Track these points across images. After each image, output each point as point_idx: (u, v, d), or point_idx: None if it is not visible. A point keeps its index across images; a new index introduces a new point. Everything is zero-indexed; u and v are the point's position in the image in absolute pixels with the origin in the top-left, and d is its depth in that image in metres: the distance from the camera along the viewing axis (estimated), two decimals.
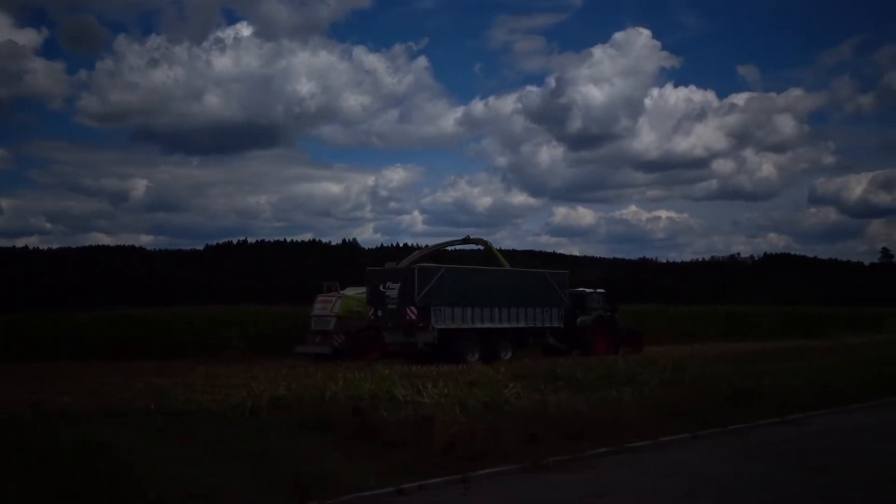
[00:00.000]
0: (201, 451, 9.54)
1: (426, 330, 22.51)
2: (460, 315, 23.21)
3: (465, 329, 23.30)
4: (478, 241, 31.71)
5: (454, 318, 23.04)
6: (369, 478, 8.55)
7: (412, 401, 12.54)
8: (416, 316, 22.47)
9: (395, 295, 22.96)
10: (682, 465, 10.04)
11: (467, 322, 23.36)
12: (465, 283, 23.91)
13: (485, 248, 31.46)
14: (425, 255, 30.06)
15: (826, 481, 9.21)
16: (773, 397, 14.67)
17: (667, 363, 19.18)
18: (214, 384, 15.90)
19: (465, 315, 23.31)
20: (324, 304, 25.74)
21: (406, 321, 22.67)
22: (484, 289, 24.20)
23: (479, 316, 23.60)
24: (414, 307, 22.46)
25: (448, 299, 22.92)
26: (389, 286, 23.19)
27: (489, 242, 31.55)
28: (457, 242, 32.21)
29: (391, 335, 23.52)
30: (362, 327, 24.67)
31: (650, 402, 13.33)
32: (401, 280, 23.04)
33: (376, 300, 23.66)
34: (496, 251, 31.28)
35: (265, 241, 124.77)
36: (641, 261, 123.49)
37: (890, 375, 18.59)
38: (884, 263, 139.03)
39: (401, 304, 22.79)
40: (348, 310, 25.25)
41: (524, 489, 8.74)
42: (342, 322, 24.89)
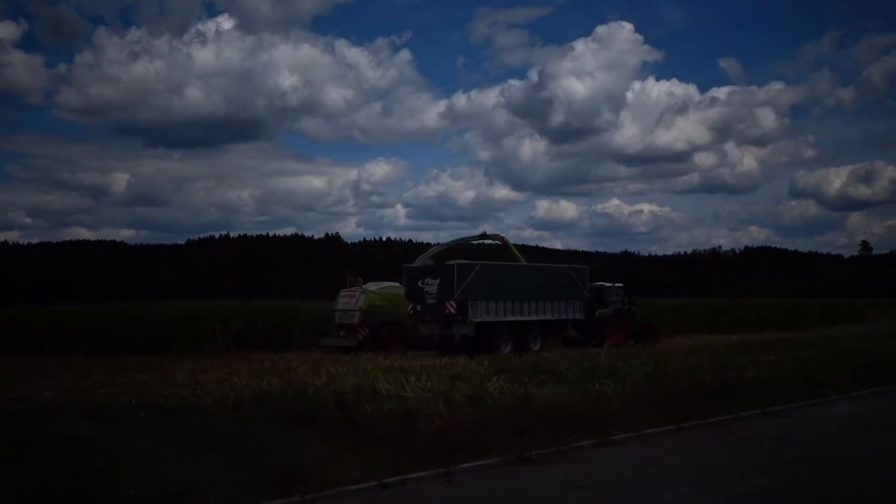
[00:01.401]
0: (184, 447, 9.47)
1: (464, 323, 23.56)
2: (494, 309, 24.30)
3: (498, 322, 24.38)
4: (494, 236, 32.45)
5: (489, 312, 24.12)
6: (352, 472, 8.55)
7: (396, 395, 12.49)
8: (455, 310, 23.53)
9: (435, 290, 24.01)
10: (666, 456, 10.11)
11: (500, 315, 24.44)
12: (499, 278, 25.01)
13: (501, 243, 32.17)
14: (442, 251, 30.55)
15: (807, 471, 9.31)
16: (755, 389, 14.77)
17: (649, 356, 19.25)
18: (197, 379, 15.81)
19: (498, 308, 24.42)
20: (348, 298, 26.37)
21: (445, 315, 23.68)
22: (515, 284, 25.39)
23: (511, 309, 24.72)
24: (453, 301, 23.52)
25: (483, 294, 24.02)
26: (428, 282, 24.24)
27: (506, 238, 32.29)
28: (474, 238, 33.08)
29: (428, 328, 24.48)
30: (385, 321, 25.58)
31: (633, 395, 13.37)
32: (440, 276, 24.09)
33: (415, 295, 24.58)
34: (512, 246, 31.87)
35: (247, 236, 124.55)
36: (624, 254, 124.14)
37: (869, 367, 18.79)
38: (863, 256, 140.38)
39: (440, 298, 23.81)
40: (371, 304, 25.93)
41: (508, 482, 8.77)
42: (366, 316, 25.54)
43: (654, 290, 60.41)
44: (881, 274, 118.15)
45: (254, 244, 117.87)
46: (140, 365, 19.62)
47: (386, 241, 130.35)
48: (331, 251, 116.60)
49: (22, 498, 7.35)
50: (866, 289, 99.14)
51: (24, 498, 7.34)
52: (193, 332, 25.57)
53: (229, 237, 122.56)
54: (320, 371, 16.07)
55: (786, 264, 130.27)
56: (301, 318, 28.61)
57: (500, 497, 8.28)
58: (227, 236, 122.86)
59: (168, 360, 20.78)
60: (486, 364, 17.34)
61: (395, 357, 20.84)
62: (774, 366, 18.01)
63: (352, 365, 17.69)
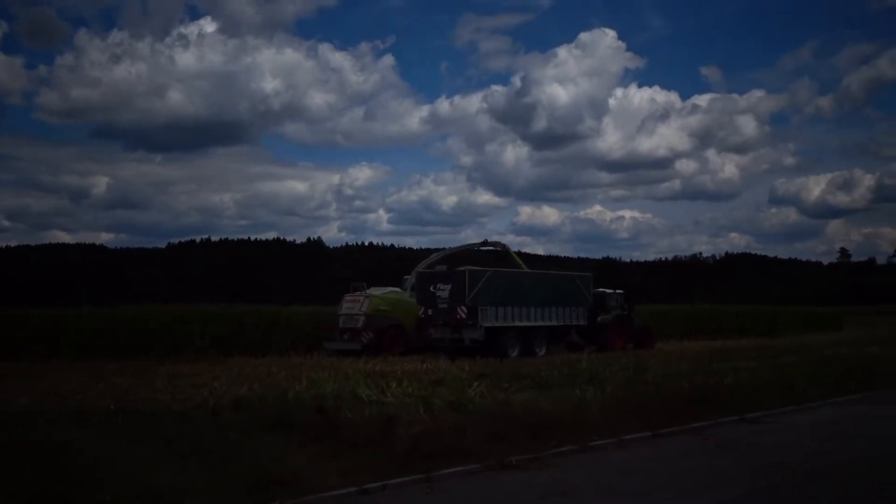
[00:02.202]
0: (162, 452, 9.44)
1: (474, 327, 24.24)
2: (503, 314, 25.04)
3: (507, 327, 25.13)
4: (496, 244, 33.41)
5: (497, 317, 24.84)
6: (332, 478, 8.53)
7: (376, 400, 12.51)
8: (465, 314, 24.27)
9: (446, 295, 24.76)
10: (644, 462, 10.14)
11: (509, 320, 25.18)
12: (508, 284, 25.82)
13: (503, 250, 32.93)
14: (444, 258, 31.38)
15: (784, 477, 9.38)
16: (734, 396, 14.87)
17: (629, 362, 19.35)
18: (176, 384, 15.74)
19: (507, 314, 25.16)
20: (352, 302, 26.84)
21: (456, 319, 24.37)
22: (523, 290, 26.18)
23: (518, 314, 25.48)
24: (464, 306, 24.26)
25: (493, 300, 24.78)
26: (440, 287, 25.01)
27: (507, 245, 33.18)
28: (475, 245, 34.13)
29: (439, 332, 25.04)
30: (389, 325, 26.25)
31: (613, 402, 13.42)
32: (452, 282, 24.80)
33: (427, 300, 25.34)
34: (514, 254, 32.62)
35: (229, 240, 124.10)
36: (605, 260, 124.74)
37: (847, 374, 18.94)
38: (842, 263, 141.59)
39: (451, 303, 24.55)
40: (375, 308, 26.44)
41: (488, 488, 8.78)
42: (370, 320, 26.03)
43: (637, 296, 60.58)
44: (860, 281, 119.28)
45: (235, 248, 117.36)
46: (119, 369, 19.47)
47: (368, 245, 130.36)
48: (313, 256, 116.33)
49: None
50: (845, 296, 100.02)
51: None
52: (173, 337, 25.41)
53: (211, 241, 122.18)
54: (301, 376, 16.04)
55: (766, 271, 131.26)
56: (282, 323, 28.49)
57: (479, 502, 8.29)
58: (209, 240, 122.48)
59: (147, 365, 20.64)
60: (466, 369, 17.38)
61: (375, 362, 20.84)
62: (753, 372, 18.13)
63: (332, 370, 17.68)
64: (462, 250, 33.89)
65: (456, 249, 33.65)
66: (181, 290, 78.42)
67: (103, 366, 20.41)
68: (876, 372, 19.67)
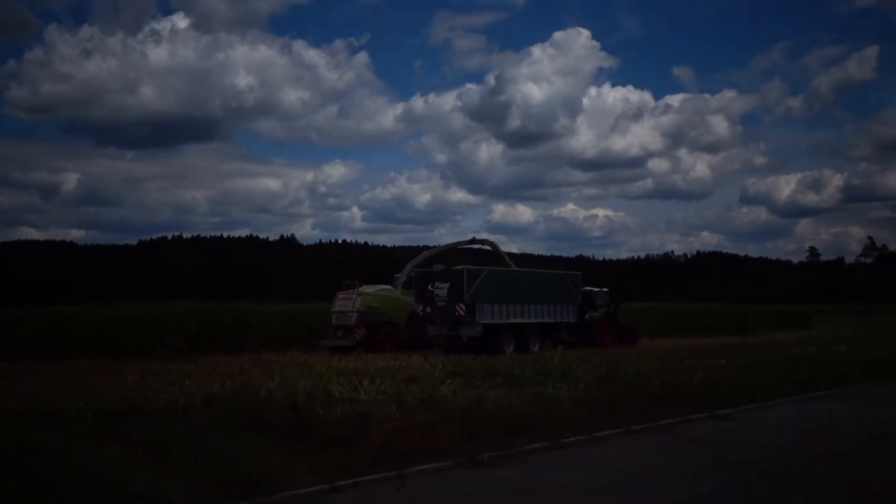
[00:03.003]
0: (133, 451, 9.39)
1: (472, 324, 24.84)
2: (499, 311, 25.63)
3: (503, 324, 25.73)
4: (484, 241, 33.99)
5: (493, 315, 25.40)
6: (304, 476, 8.52)
7: (349, 398, 12.50)
8: (464, 312, 24.80)
9: (445, 293, 25.27)
10: (615, 459, 10.24)
11: (504, 318, 25.79)
12: (503, 283, 26.52)
13: (492, 248, 33.51)
14: (435, 255, 31.84)
15: (752, 473, 9.51)
16: (704, 393, 15.02)
17: (601, 360, 19.48)
18: (148, 383, 15.64)
19: (503, 311, 25.76)
20: (345, 300, 27.17)
21: (455, 317, 24.94)
22: (518, 288, 26.88)
23: (513, 312, 26.10)
24: (463, 304, 24.80)
25: (490, 297, 25.36)
26: (438, 285, 25.55)
27: (496, 243, 33.79)
28: (464, 243, 34.40)
29: (437, 329, 25.66)
30: (382, 322, 26.70)
31: (585, 399, 13.51)
32: (450, 280, 25.34)
33: (425, 298, 25.84)
34: (502, 252, 33.23)
35: (201, 237, 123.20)
36: (579, 258, 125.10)
37: (814, 371, 19.20)
38: (811, 262, 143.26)
39: (450, 301, 25.07)
40: (368, 306, 26.87)
41: (459, 485, 8.81)
42: (363, 317, 26.44)
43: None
44: (829, 280, 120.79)
45: (208, 246, 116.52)
46: (89, 368, 19.31)
47: (342, 243, 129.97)
48: (286, 253, 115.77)
49: None
50: (814, 294, 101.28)
51: None
52: (145, 335, 25.22)
53: (183, 239, 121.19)
54: (273, 374, 15.99)
55: (737, 270, 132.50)
56: (255, 321, 28.39)
57: (450, 500, 8.33)
58: (181, 237, 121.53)
59: (119, 364, 20.48)
60: (439, 367, 17.42)
61: (348, 360, 20.83)
62: (723, 370, 18.32)
63: (305, 368, 17.65)
64: (451, 248, 34.38)
65: (446, 247, 34.16)
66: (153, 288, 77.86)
67: (74, 365, 20.22)
68: (843, 370, 19.95)
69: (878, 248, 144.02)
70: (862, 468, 9.95)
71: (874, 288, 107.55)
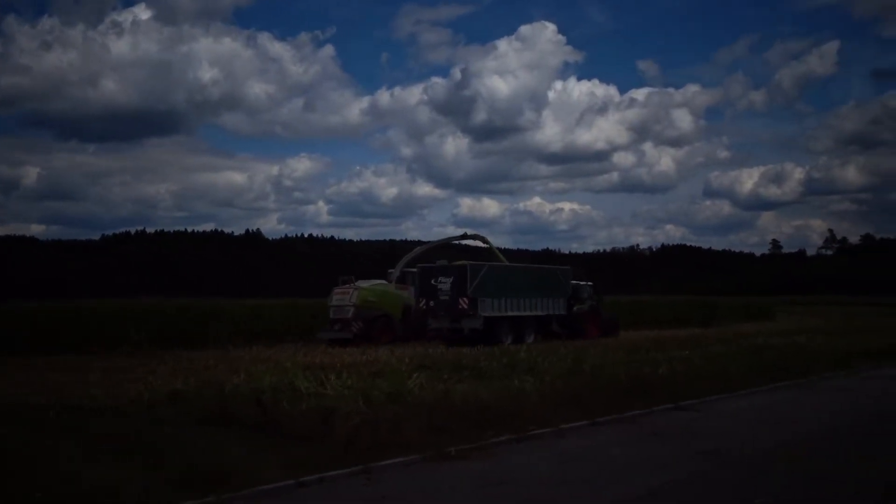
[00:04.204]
0: (96, 447, 9.28)
1: (474, 317, 25.88)
2: (499, 305, 26.74)
3: (502, 317, 26.86)
4: (475, 236, 34.96)
5: (493, 308, 26.48)
6: (270, 471, 8.47)
7: (315, 393, 12.44)
8: (467, 305, 25.85)
9: (448, 287, 26.31)
10: (582, 451, 10.31)
11: (503, 311, 26.92)
12: (502, 277, 27.69)
13: (483, 243, 34.53)
14: (427, 251, 32.81)
15: (716, 462, 9.63)
16: (668, 384, 15.18)
17: (568, 352, 19.57)
18: (111, 379, 15.46)
19: (502, 305, 26.87)
20: (342, 294, 27.91)
21: (458, 310, 25.97)
22: (514, 282, 28.13)
23: (511, 305, 27.22)
24: (466, 298, 25.87)
25: (490, 292, 26.47)
26: (441, 280, 26.55)
27: (487, 239, 34.87)
28: (456, 238, 35.84)
29: (438, 322, 26.62)
30: (377, 315, 27.64)
31: (551, 391, 13.59)
32: (453, 275, 26.44)
33: (428, 292, 26.79)
34: (494, 247, 34.45)
35: (165, 231, 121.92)
36: (545, 252, 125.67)
37: (776, 362, 19.49)
38: (773, 254, 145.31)
39: (453, 295, 26.10)
40: (364, 300, 27.67)
41: (426, 479, 8.81)
42: (359, 310, 27.27)
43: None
44: (790, 272, 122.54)
45: (172, 240, 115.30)
46: (51, 364, 19.05)
47: (308, 237, 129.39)
48: (251, 247, 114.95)
49: None
50: (777, 286, 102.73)
51: None
52: (108, 331, 24.90)
53: (146, 233, 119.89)
54: (239, 369, 15.85)
55: (701, 262, 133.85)
56: (220, 317, 28.15)
57: (417, 493, 8.32)
58: (144, 232, 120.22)
59: (81, 360, 20.21)
60: (406, 361, 17.37)
61: (315, 354, 20.73)
62: (687, 361, 18.51)
63: (271, 363, 17.53)
64: (443, 243, 35.24)
65: (438, 243, 35.10)
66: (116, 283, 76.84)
67: (35, 362, 19.92)
68: (805, 361, 20.27)
69: (838, 241, 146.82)
70: (825, 456, 10.12)
71: (835, 280, 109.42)
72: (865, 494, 8.25)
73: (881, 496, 8.19)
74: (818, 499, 8.10)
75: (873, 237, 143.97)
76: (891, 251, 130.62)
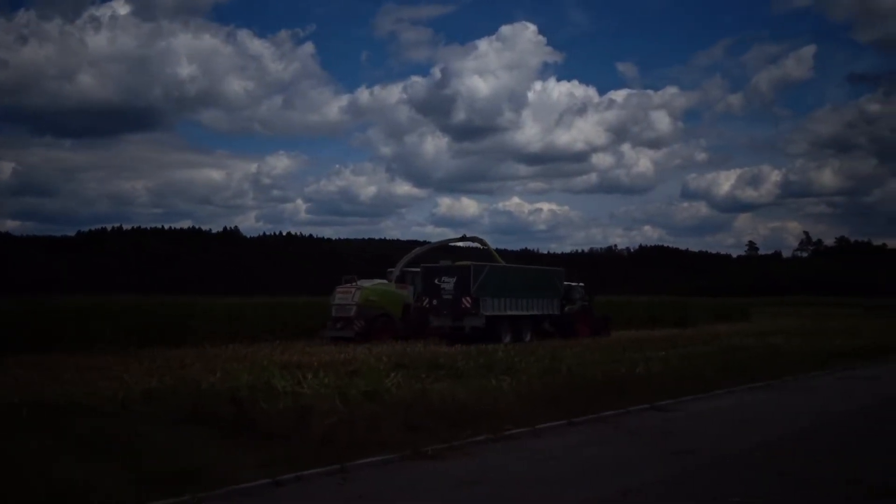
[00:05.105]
0: (70, 446, 9.20)
1: (476, 316, 26.63)
2: (499, 304, 27.62)
3: (502, 316, 27.70)
4: (474, 238, 36.06)
5: (494, 307, 27.35)
6: (246, 470, 8.43)
7: (292, 392, 12.42)
8: (470, 304, 26.63)
9: (451, 287, 27.16)
10: (558, 450, 10.33)
11: (503, 310, 27.79)
12: (502, 278, 28.58)
13: (482, 245, 35.33)
14: (426, 252, 33.41)
15: (692, 462, 9.69)
16: (644, 384, 15.27)
17: (545, 353, 19.65)
18: (86, 377, 15.30)
19: (502, 304, 27.75)
20: (344, 293, 28.41)
21: (461, 309, 26.76)
22: (513, 283, 29.00)
23: (510, 305, 28.12)
24: (469, 297, 26.69)
25: (491, 291, 27.33)
26: (444, 280, 27.45)
27: (486, 240, 35.83)
28: (455, 240, 36.93)
29: (440, 320, 27.32)
30: (379, 314, 28.15)
31: (528, 391, 13.63)
32: (456, 275, 27.30)
33: (431, 291, 27.67)
34: (492, 249, 35.40)
35: (141, 228, 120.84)
36: (524, 252, 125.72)
37: (751, 363, 19.65)
38: (750, 256, 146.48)
39: (456, 294, 26.93)
40: (366, 299, 28.16)
41: (403, 478, 8.81)
42: (361, 309, 27.72)
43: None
44: (766, 273, 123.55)
45: (149, 237, 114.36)
46: (23, 363, 18.80)
47: (286, 235, 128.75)
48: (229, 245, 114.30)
49: None
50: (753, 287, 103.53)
51: None
52: (83, 329, 24.63)
53: (122, 230, 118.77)
54: (215, 368, 15.78)
55: (678, 263, 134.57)
56: (197, 315, 27.95)
57: (393, 492, 8.31)
58: (121, 229, 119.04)
59: (56, 358, 19.98)
60: (384, 360, 17.38)
61: (292, 353, 20.68)
62: (663, 362, 18.64)
63: (248, 362, 17.47)
64: (441, 245, 35.98)
65: (436, 244, 35.80)
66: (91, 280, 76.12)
67: (6, 360, 19.67)
68: (779, 361, 20.46)
69: (813, 243, 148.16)
70: (798, 456, 10.21)
71: (810, 281, 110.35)
72: (840, 494, 8.34)
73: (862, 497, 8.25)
74: (793, 499, 8.17)
75: (848, 240, 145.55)
76: (865, 253, 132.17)
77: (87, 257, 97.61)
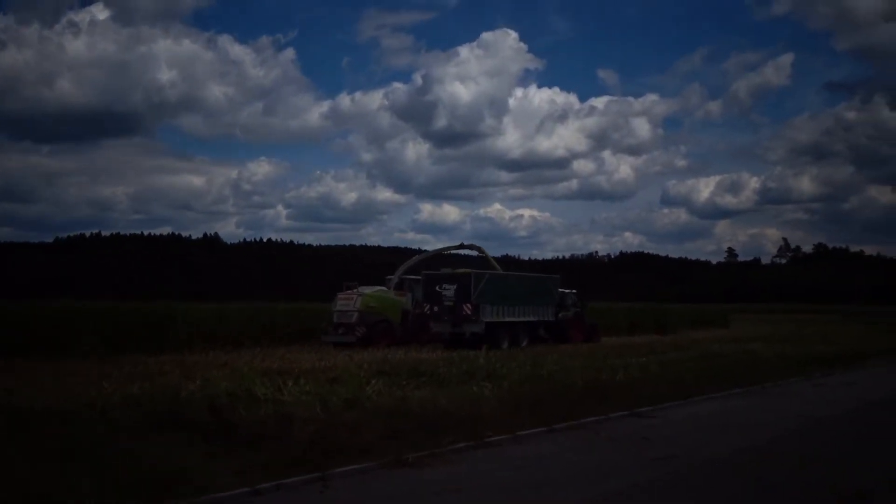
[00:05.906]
0: (47, 453, 9.08)
1: (476, 322, 27.28)
2: (498, 311, 28.23)
3: (501, 322, 28.31)
4: (471, 246, 36.96)
5: (494, 314, 27.98)
6: (225, 478, 8.36)
7: (272, 399, 12.34)
8: (470, 311, 27.21)
9: (452, 294, 27.71)
10: (539, 457, 10.35)
11: (502, 316, 28.41)
12: (500, 285, 29.28)
13: (479, 253, 36.19)
14: (424, 259, 34.42)
15: (671, 468, 9.73)
16: (624, 391, 15.32)
17: (526, 359, 19.67)
18: (63, 383, 15.14)
19: (500, 311, 28.35)
20: (346, 300, 29.03)
21: (462, 315, 27.38)
22: (512, 290, 29.74)
23: (508, 311, 28.74)
24: (470, 304, 27.24)
25: (490, 298, 27.94)
26: (445, 287, 28.01)
27: (483, 248, 36.51)
28: (453, 248, 38.12)
29: (440, 326, 28.08)
30: (379, 320, 28.80)
31: (509, 398, 13.64)
32: (457, 283, 27.91)
33: (432, 298, 28.22)
34: (489, 256, 35.89)
35: (121, 234, 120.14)
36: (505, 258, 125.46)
37: (730, 369, 19.77)
38: (729, 262, 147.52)
39: (457, 301, 27.48)
40: (367, 305, 28.80)
41: (383, 485, 8.79)
42: (362, 315, 28.35)
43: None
44: (745, 280, 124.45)
45: (128, 243, 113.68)
46: (1, 368, 18.60)
47: (267, 242, 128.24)
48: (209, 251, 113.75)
49: None
50: (732, 294, 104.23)
51: None
52: (61, 335, 24.38)
53: (101, 236, 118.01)
54: (195, 375, 15.67)
55: (658, 270, 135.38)
56: (177, 321, 27.75)
57: (374, 500, 8.29)
58: (99, 235, 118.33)
59: (33, 364, 19.77)
60: (364, 367, 17.33)
61: (273, 360, 20.59)
62: (643, 368, 18.71)
63: (228, 369, 17.37)
64: (440, 252, 36.92)
65: (435, 252, 36.78)
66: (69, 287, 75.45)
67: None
68: (758, 368, 20.60)
69: (792, 250, 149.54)
70: (777, 462, 10.27)
71: (789, 288, 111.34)
72: (814, 499, 8.40)
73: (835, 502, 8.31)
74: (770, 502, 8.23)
75: (826, 246, 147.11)
76: (842, 260, 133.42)
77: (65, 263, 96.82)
